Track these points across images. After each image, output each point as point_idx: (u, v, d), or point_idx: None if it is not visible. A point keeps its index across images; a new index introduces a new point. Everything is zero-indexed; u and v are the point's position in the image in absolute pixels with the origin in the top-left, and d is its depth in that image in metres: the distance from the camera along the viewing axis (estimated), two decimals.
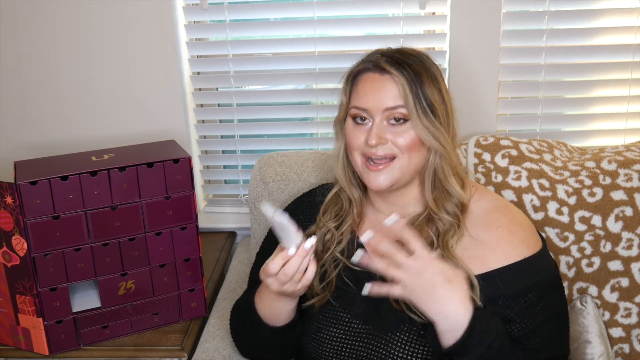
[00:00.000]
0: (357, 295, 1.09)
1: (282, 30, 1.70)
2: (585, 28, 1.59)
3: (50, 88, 1.71)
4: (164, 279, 1.33)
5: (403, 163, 1.04)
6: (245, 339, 1.19)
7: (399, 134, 1.03)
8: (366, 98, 1.05)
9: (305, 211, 1.23)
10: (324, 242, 1.14)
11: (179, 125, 1.73)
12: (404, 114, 1.02)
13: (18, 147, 1.75)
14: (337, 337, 1.08)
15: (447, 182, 1.06)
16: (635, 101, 1.63)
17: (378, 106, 1.03)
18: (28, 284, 1.23)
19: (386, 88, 1.03)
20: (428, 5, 1.60)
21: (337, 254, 1.12)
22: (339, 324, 1.09)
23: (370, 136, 1.03)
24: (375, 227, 1.14)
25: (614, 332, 1.32)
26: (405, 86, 1.01)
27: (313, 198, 1.23)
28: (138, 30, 1.64)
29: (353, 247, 1.13)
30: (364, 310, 1.08)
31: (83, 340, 1.30)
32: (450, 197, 1.07)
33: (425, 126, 1.02)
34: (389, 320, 1.05)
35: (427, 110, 1.02)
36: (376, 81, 1.04)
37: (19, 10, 1.64)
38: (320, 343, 1.09)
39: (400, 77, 1.02)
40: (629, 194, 1.32)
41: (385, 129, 1.04)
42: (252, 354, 1.22)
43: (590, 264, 1.32)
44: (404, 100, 1.02)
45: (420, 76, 1.03)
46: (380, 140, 1.03)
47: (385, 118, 1.04)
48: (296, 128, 1.80)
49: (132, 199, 1.25)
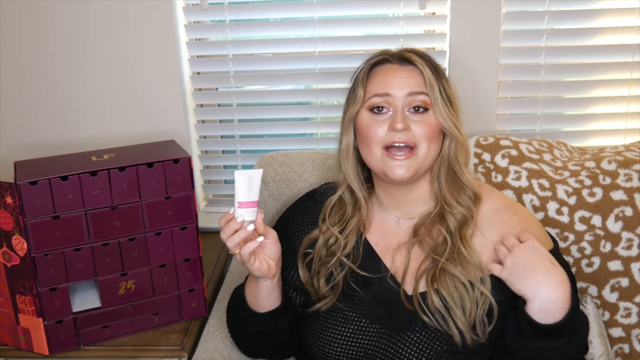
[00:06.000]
0: (367, 296, 1.09)
1: (282, 30, 1.70)
2: (585, 28, 1.59)
3: (50, 88, 1.71)
4: (164, 279, 1.33)
5: (423, 152, 1.05)
6: (234, 325, 1.20)
7: (419, 123, 1.04)
8: (387, 84, 1.06)
9: (309, 211, 1.22)
10: (328, 247, 1.14)
11: (179, 125, 1.73)
12: (425, 101, 1.05)
13: (18, 147, 1.75)
14: (344, 336, 1.08)
15: (461, 173, 1.08)
16: (635, 101, 1.63)
17: (401, 91, 1.05)
18: (28, 284, 1.23)
19: (409, 76, 1.06)
20: (428, 5, 1.60)
21: (343, 258, 1.12)
22: (347, 323, 1.08)
23: (396, 120, 1.03)
24: (384, 227, 1.15)
25: (613, 332, 1.32)
26: (429, 74, 1.05)
27: (316, 199, 1.22)
28: (138, 30, 1.64)
29: (359, 249, 1.13)
30: (374, 310, 1.08)
31: (83, 340, 1.30)
32: (464, 189, 1.08)
33: (448, 114, 1.05)
34: (400, 320, 1.05)
35: (446, 99, 1.06)
36: (397, 70, 1.07)
37: (19, 11, 1.64)
38: (326, 342, 1.08)
39: (425, 66, 1.05)
40: (629, 194, 1.32)
41: (407, 116, 1.05)
42: (247, 346, 1.22)
43: (590, 264, 1.32)
44: (429, 88, 1.04)
45: (439, 70, 1.07)
46: (406, 126, 1.03)
47: (407, 105, 1.05)
48: (296, 128, 1.80)
49: (132, 199, 1.25)
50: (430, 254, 1.07)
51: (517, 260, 0.96)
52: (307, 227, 1.18)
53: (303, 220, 1.21)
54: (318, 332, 1.10)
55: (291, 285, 1.19)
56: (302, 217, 1.21)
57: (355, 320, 1.08)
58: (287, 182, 1.46)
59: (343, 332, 1.08)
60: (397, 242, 1.12)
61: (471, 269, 1.02)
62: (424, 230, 1.09)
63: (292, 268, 1.19)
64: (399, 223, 1.14)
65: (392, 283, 1.09)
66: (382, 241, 1.14)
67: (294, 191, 1.45)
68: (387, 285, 1.09)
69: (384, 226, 1.15)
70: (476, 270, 1.02)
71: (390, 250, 1.12)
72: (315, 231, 1.16)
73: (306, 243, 1.16)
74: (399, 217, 1.14)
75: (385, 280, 1.09)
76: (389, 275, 1.09)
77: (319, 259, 1.14)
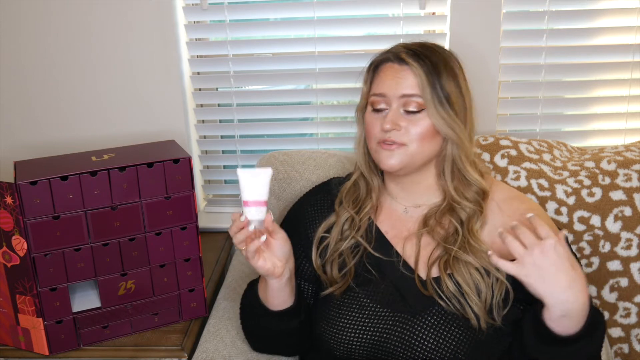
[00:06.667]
0: (381, 283, 1.10)
1: (282, 30, 1.70)
2: (585, 28, 1.59)
3: (50, 88, 1.71)
4: (164, 279, 1.33)
5: (414, 150, 1.07)
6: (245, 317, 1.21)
7: (414, 122, 1.06)
8: (384, 84, 1.09)
9: (320, 202, 1.23)
10: (342, 232, 1.16)
11: (179, 125, 1.73)
12: (419, 103, 1.06)
13: (18, 147, 1.75)
14: (358, 321, 1.08)
15: (465, 171, 1.09)
16: (635, 101, 1.63)
17: (395, 92, 1.07)
18: (28, 284, 1.23)
19: (404, 77, 1.07)
20: (428, 5, 1.60)
21: (359, 238, 1.14)
22: (361, 309, 1.09)
23: (385, 121, 1.06)
24: (393, 216, 1.17)
25: (613, 332, 1.32)
26: (422, 76, 1.05)
27: (329, 188, 1.25)
28: (138, 30, 1.64)
29: (372, 234, 1.15)
30: (389, 296, 1.09)
31: (83, 340, 1.30)
32: (470, 185, 1.10)
33: (441, 115, 1.05)
34: (417, 304, 1.06)
35: (444, 100, 1.06)
36: (395, 70, 1.08)
37: (19, 11, 1.64)
38: (340, 328, 1.09)
39: (418, 67, 1.06)
40: (628, 194, 1.32)
41: (400, 116, 1.07)
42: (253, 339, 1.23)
43: (590, 264, 1.32)
44: (421, 90, 1.05)
45: (438, 68, 1.06)
46: (395, 125, 1.06)
47: (402, 105, 1.07)
48: (296, 128, 1.80)
49: (132, 199, 1.25)
50: (442, 243, 1.08)
51: (538, 262, 0.89)
52: (320, 216, 1.20)
53: (315, 210, 1.22)
54: (331, 319, 1.11)
55: (303, 276, 1.20)
56: (314, 208, 1.23)
57: (370, 306, 1.09)
58: (288, 180, 1.47)
59: (357, 317, 1.09)
60: (406, 231, 1.14)
61: (484, 256, 1.04)
62: (434, 221, 1.11)
63: (304, 259, 1.20)
64: (407, 212, 1.16)
65: (404, 270, 1.10)
66: (392, 230, 1.16)
67: (295, 190, 1.45)
68: (400, 272, 1.10)
69: (393, 215, 1.17)
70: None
71: (400, 239, 1.14)
72: (332, 216, 1.18)
73: (324, 227, 1.18)
74: (407, 206, 1.16)
75: (397, 266, 1.11)
76: (401, 261, 1.11)
77: (334, 244, 1.15)
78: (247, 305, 1.21)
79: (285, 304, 1.13)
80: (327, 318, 1.12)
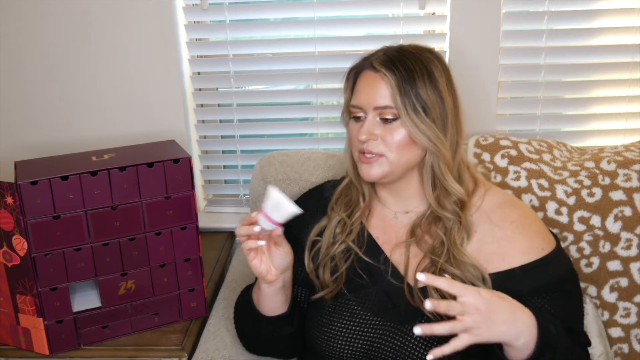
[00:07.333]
0: (372, 289, 1.10)
1: (282, 30, 1.70)
2: (585, 28, 1.59)
3: (50, 88, 1.71)
4: (164, 279, 1.33)
5: (392, 160, 1.06)
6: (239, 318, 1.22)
7: (390, 131, 1.05)
8: (360, 96, 1.08)
9: (315, 203, 1.23)
10: (334, 236, 1.16)
11: (179, 125, 1.73)
12: (394, 113, 1.05)
13: (18, 147, 1.75)
14: (349, 329, 1.08)
15: (444, 180, 1.07)
16: (634, 101, 1.63)
17: (369, 104, 1.06)
18: (28, 284, 1.23)
19: (378, 87, 1.05)
20: (428, 5, 1.60)
21: (350, 243, 1.14)
22: (352, 317, 1.09)
23: (361, 132, 1.06)
24: (384, 222, 1.16)
25: (613, 332, 1.32)
26: (394, 86, 1.03)
27: (322, 192, 1.25)
28: (138, 30, 1.64)
29: (363, 239, 1.15)
30: (380, 303, 1.09)
31: (83, 340, 1.31)
32: (449, 195, 1.08)
33: (415, 124, 1.03)
34: (406, 313, 1.06)
35: (419, 108, 1.03)
36: (371, 79, 1.07)
37: (19, 11, 1.64)
38: (331, 336, 1.09)
39: (389, 77, 1.04)
40: (628, 194, 1.32)
41: (377, 125, 1.06)
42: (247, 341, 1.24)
43: (590, 264, 1.32)
44: (393, 100, 1.04)
45: (413, 74, 1.04)
46: (370, 136, 1.06)
47: (378, 115, 1.06)
48: (296, 128, 1.80)
49: (132, 199, 1.25)
50: (429, 254, 1.08)
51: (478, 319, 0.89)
52: (312, 220, 1.20)
53: (308, 214, 1.21)
54: (322, 326, 1.11)
55: (296, 280, 1.20)
56: (307, 212, 1.21)
57: (360, 314, 1.09)
58: (288, 181, 1.47)
59: (348, 325, 1.09)
60: (396, 238, 1.14)
61: (470, 269, 1.03)
62: (420, 231, 1.10)
63: (297, 262, 1.19)
64: (397, 218, 1.15)
65: (394, 278, 1.10)
66: (383, 235, 1.15)
67: (295, 190, 1.45)
68: (390, 279, 1.10)
69: (383, 221, 1.16)
70: (475, 271, 1.03)
71: (389, 245, 1.14)
72: (324, 219, 1.18)
73: (316, 231, 1.18)
74: (396, 211, 1.16)
75: (387, 273, 1.10)
76: (390, 268, 1.10)
77: (326, 247, 1.15)
78: (240, 304, 1.22)
79: (277, 310, 1.13)
80: (318, 325, 1.12)
